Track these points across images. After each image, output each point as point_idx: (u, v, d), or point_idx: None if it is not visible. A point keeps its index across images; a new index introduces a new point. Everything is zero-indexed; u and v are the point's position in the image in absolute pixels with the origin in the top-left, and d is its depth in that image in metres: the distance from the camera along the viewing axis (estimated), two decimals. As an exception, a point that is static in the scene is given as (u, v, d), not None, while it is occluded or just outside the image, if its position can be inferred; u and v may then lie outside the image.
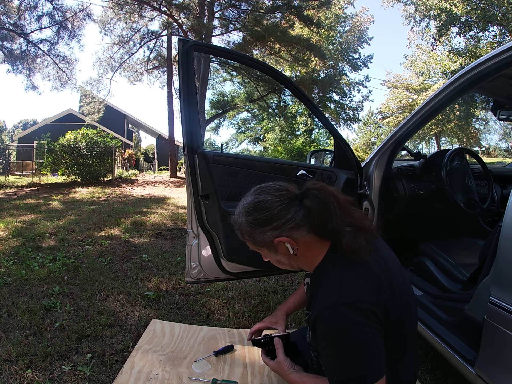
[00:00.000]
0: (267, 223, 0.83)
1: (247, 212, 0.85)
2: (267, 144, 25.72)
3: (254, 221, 0.84)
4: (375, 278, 0.78)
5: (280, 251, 0.87)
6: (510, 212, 1.01)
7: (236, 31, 14.24)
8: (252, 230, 0.85)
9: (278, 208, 0.82)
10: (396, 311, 0.79)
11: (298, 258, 0.87)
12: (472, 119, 21.82)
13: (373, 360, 0.74)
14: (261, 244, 0.86)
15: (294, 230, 0.82)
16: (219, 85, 22.14)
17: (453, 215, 1.94)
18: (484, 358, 1.06)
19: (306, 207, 0.82)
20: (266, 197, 0.84)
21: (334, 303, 0.75)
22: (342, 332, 0.74)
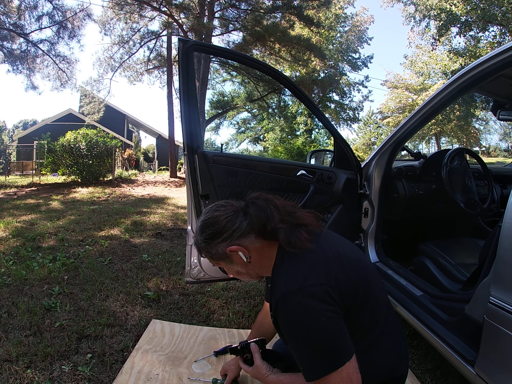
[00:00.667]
0: (218, 236, 0.91)
1: (201, 230, 0.94)
2: (267, 144, 25.71)
3: (207, 237, 0.92)
4: (321, 261, 0.82)
5: (235, 261, 0.93)
6: (510, 212, 1.01)
7: (236, 31, 14.24)
8: (206, 246, 0.93)
9: (224, 221, 0.91)
10: (352, 291, 0.81)
11: (254, 265, 0.93)
12: (472, 119, 21.82)
13: (334, 343, 0.75)
14: (217, 257, 0.93)
15: (243, 238, 0.90)
16: (219, 85, 22.15)
17: (453, 215, 1.95)
18: (484, 358, 1.06)
19: (249, 215, 0.91)
20: (214, 213, 0.93)
21: (283, 294, 0.79)
22: (297, 320, 0.77)
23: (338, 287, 0.78)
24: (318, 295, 0.76)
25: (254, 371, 1.01)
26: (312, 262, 0.82)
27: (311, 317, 0.75)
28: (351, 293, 0.81)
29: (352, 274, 0.83)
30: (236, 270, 0.97)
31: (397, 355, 0.91)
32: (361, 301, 0.83)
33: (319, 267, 0.81)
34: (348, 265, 0.84)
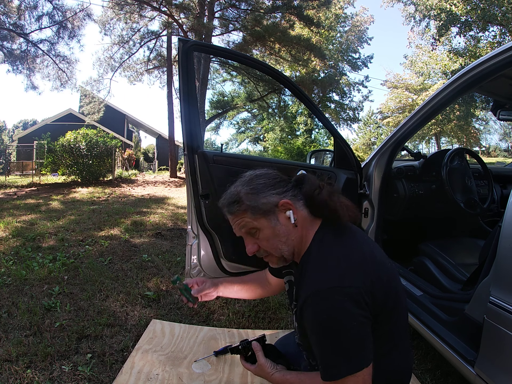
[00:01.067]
0: (271, 188, 0.85)
1: (249, 181, 0.87)
2: (267, 144, 25.71)
3: (258, 186, 0.85)
4: (359, 258, 0.79)
5: (281, 220, 0.85)
6: (510, 212, 1.01)
7: (236, 31, 14.25)
8: (254, 196, 0.84)
9: (279, 178, 0.88)
10: (384, 295, 0.78)
11: (296, 233, 0.86)
12: (472, 119, 21.83)
13: (359, 347, 0.74)
14: (263, 209, 0.84)
15: (295, 199, 0.86)
16: (219, 85, 22.17)
17: (453, 215, 1.94)
18: (484, 358, 1.06)
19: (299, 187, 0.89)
20: (268, 171, 0.90)
21: (318, 289, 0.75)
22: (329, 318, 0.74)
23: (372, 290, 0.75)
24: (354, 297, 0.73)
25: (258, 369, 0.98)
26: (350, 258, 0.78)
27: (344, 318, 0.72)
28: (383, 298, 0.78)
29: (385, 278, 0.79)
30: (274, 232, 0.85)
31: (408, 359, 0.91)
32: (391, 308, 0.81)
33: (356, 265, 0.77)
34: (381, 267, 0.81)
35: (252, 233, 0.87)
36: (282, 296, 2.27)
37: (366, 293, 0.74)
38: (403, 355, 0.88)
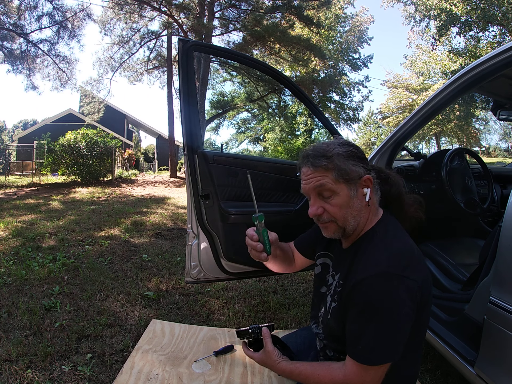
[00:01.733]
0: (362, 160, 0.86)
1: (348, 145, 0.87)
2: (267, 144, 25.70)
3: (353, 152, 0.85)
4: (416, 255, 0.81)
5: (358, 194, 0.84)
6: (510, 212, 1.01)
7: (236, 31, 14.25)
8: (346, 159, 0.83)
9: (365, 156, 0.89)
10: (428, 296, 0.80)
11: (366, 212, 0.86)
12: (472, 119, 21.83)
13: (398, 340, 0.74)
14: (349, 175, 0.82)
15: (374, 181, 0.87)
16: (219, 85, 22.16)
17: (453, 215, 1.94)
18: (484, 358, 1.06)
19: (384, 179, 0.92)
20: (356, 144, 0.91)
21: (383, 271, 0.74)
22: (383, 301, 0.73)
23: (423, 290, 0.76)
24: (411, 291, 0.73)
25: (263, 356, 0.96)
26: (413, 253, 0.80)
27: (397, 307, 0.72)
28: (427, 297, 0.78)
29: (429, 279, 0.81)
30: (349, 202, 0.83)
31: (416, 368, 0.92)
32: (427, 308, 0.82)
33: (418, 261, 0.79)
34: (426, 268, 0.83)
35: (324, 196, 0.85)
36: (282, 296, 2.27)
37: (419, 290, 0.75)
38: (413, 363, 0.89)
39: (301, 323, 1.90)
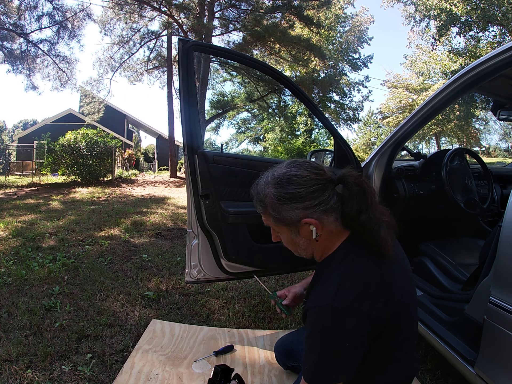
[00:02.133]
0: (299, 200, 0.77)
1: (278, 183, 0.79)
2: (267, 144, 25.71)
3: (285, 195, 0.78)
4: (374, 284, 0.75)
5: (302, 234, 0.81)
6: (510, 212, 1.01)
7: (236, 31, 14.25)
8: (279, 205, 0.79)
9: (314, 187, 0.77)
10: (392, 317, 0.77)
11: (318, 244, 0.83)
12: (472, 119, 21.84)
13: (340, 369, 0.75)
14: (285, 221, 0.80)
15: (324, 215, 0.78)
16: (219, 85, 22.17)
17: (453, 215, 1.94)
18: (484, 358, 1.06)
19: (339, 194, 0.79)
20: (304, 172, 0.78)
21: (327, 304, 0.74)
22: (326, 333, 0.74)
23: (375, 320, 0.75)
24: (358, 323, 0.72)
25: None
26: (368, 281, 0.75)
27: (338, 339, 0.73)
28: (385, 326, 0.77)
29: (393, 306, 0.77)
30: (294, 241, 0.84)
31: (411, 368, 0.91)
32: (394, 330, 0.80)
33: (370, 291, 0.74)
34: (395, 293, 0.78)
35: (275, 230, 0.88)
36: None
37: (369, 322, 0.73)
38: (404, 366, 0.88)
39: (301, 323, 1.90)
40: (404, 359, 0.87)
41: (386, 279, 0.77)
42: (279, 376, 1.39)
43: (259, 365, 1.47)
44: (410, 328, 0.85)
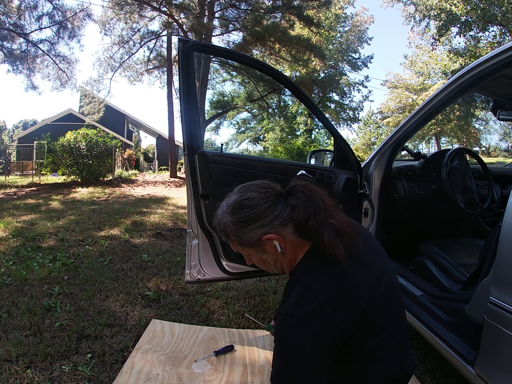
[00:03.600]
0: (254, 221, 0.81)
1: (232, 211, 0.84)
2: (267, 144, 25.71)
3: (240, 219, 0.82)
4: (337, 292, 0.75)
5: (267, 250, 0.85)
6: (510, 212, 1.01)
7: (236, 31, 14.26)
8: (238, 229, 0.83)
9: (265, 205, 0.81)
10: (362, 320, 0.77)
11: (285, 257, 0.86)
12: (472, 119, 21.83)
13: (305, 371, 0.75)
14: (248, 243, 0.84)
15: (282, 227, 0.82)
16: (219, 85, 22.18)
17: (453, 215, 1.94)
18: (484, 358, 1.06)
19: (291, 204, 0.82)
20: (252, 194, 0.83)
21: (289, 312, 0.76)
22: (285, 340, 0.77)
23: (339, 326, 0.75)
24: (321, 331, 0.74)
25: None
26: (329, 289, 0.76)
27: (298, 347, 0.75)
28: (354, 330, 0.77)
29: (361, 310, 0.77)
30: (263, 260, 0.89)
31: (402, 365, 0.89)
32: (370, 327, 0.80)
33: (331, 299, 0.75)
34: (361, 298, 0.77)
35: (245, 254, 0.92)
36: (282, 296, 2.27)
37: (334, 327, 0.74)
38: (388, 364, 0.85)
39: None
40: (395, 355, 0.86)
41: (349, 286, 0.77)
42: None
43: (259, 365, 1.47)
44: (393, 324, 0.85)
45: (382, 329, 0.82)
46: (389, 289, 0.84)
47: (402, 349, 0.89)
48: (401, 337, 0.88)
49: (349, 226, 0.82)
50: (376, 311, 0.79)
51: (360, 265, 0.81)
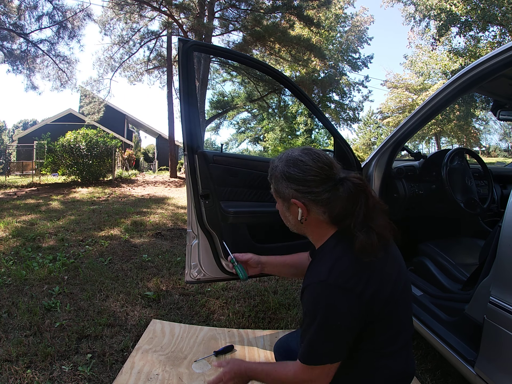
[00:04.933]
0: (295, 182, 0.86)
1: (287, 163, 0.88)
2: (267, 144, 25.71)
3: (286, 173, 0.87)
4: (369, 269, 0.79)
5: (291, 211, 0.91)
6: (510, 212, 1.01)
7: (236, 31, 14.25)
8: (280, 180, 0.89)
9: (310, 177, 0.84)
10: (384, 308, 0.80)
11: (304, 227, 0.91)
12: (472, 119, 21.83)
13: (333, 344, 0.78)
14: (280, 195, 0.91)
15: (313, 204, 0.85)
16: (219, 85, 22.16)
17: (453, 215, 1.94)
18: (484, 358, 1.06)
19: (334, 194, 0.83)
20: (308, 162, 0.85)
21: (321, 280, 0.79)
22: (319, 307, 0.77)
23: (368, 304, 0.78)
24: (350, 301, 0.76)
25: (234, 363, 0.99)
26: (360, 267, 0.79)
27: (332, 314, 0.76)
28: (376, 315, 0.80)
29: (386, 297, 0.80)
30: (285, 215, 0.95)
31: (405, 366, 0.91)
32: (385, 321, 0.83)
33: (364, 276, 0.78)
34: (387, 285, 0.82)
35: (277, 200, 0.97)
36: (282, 296, 2.27)
37: (362, 303, 0.77)
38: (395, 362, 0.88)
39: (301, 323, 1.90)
40: (400, 355, 0.88)
41: (378, 270, 0.81)
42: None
43: (259, 365, 1.47)
44: (403, 325, 0.88)
45: (393, 326, 0.85)
46: (405, 289, 0.88)
47: (407, 351, 0.91)
48: (407, 339, 0.91)
49: (387, 232, 0.84)
50: (393, 305, 0.83)
51: (385, 261, 0.84)
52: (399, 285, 0.85)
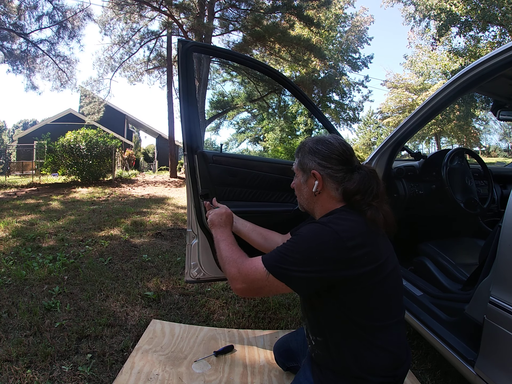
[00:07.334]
0: (319, 155, 0.98)
1: (317, 141, 1.01)
2: (267, 144, 25.71)
3: (313, 149, 1.00)
4: (370, 234, 0.87)
5: (308, 183, 1.01)
6: (510, 212, 1.01)
7: (236, 31, 14.24)
8: (307, 153, 1.01)
9: (334, 156, 0.96)
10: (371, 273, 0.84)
11: (315, 201, 1.00)
12: (472, 119, 21.83)
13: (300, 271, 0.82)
14: (302, 166, 1.02)
15: (329, 179, 0.96)
16: (219, 85, 22.15)
17: (453, 215, 1.94)
18: (484, 358, 1.06)
19: (350, 176, 0.95)
20: (335, 143, 0.98)
21: (320, 221, 0.90)
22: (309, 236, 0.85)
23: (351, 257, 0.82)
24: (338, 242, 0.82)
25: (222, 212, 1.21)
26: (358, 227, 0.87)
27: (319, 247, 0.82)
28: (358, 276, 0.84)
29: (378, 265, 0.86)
30: (300, 187, 1.04)
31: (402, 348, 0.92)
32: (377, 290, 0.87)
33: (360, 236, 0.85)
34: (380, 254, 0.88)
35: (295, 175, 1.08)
36: (282, 296, 2.27)
37: (349, 249, 0.82)
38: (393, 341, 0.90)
39: (301, 322, 1.90)
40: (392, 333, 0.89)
41: (374, 240, 0.88)
42: (279, 376, 1.39)
43: (259, 365, 1.47)
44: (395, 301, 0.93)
45: (389, 298, 0.90)
46: (396, 269, 0.93)
47: (400, 330, 0.94)
48: (400, 317, 0.95)
49: (390, 218, 0.93)
50: (388, 275, 0.88)
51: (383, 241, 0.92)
52: (392, 262, 0.91)
